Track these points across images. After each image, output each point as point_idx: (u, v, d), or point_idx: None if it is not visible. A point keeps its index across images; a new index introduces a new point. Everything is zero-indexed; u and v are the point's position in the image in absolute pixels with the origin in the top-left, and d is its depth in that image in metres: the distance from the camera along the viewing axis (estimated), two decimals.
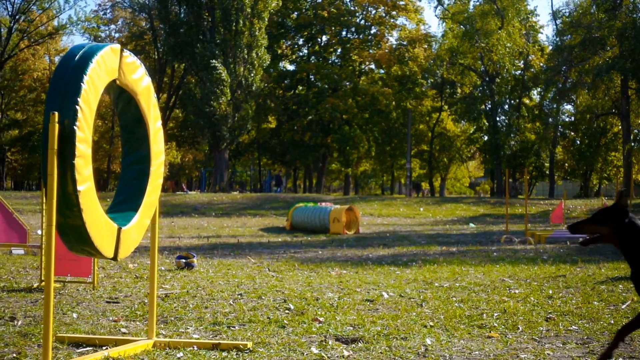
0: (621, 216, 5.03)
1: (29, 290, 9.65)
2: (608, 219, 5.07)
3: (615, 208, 5.06)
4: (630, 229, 5.02)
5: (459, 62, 63.33)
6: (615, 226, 5.04)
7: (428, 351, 6.09)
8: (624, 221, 5.02)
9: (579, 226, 5.17)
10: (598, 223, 5.10)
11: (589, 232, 5.14)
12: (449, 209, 39.81)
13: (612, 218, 5.06)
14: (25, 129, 74.02)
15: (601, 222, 5.09)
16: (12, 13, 65.34)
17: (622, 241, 5.06)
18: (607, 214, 5.08)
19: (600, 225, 5.09)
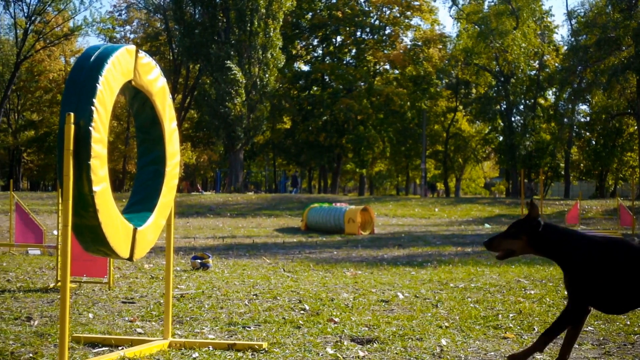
0: (533, 227, 5.17)
1: (45, 291, 9.68)
2: (520, 232, 5.21)
3: (526, 220, 5.19)
4: (547, 235, 5.14)
5: (473, 62, 63.15)
6: (528, 238, 5.18)
7: (443, 352, 6.08)
8: (538, 231, 5.15)
9: (495, 242, 5.30)
10: (511, 237, 5.23)
11: (504, 247, 5.25)
12: (464, 209, 39.74)
13: (524, 231, 5.20)
14: (41, 130, 74.30)
15: (514, 236, 5.24)
16: (28, 14, 65.60)
17: (542, 249, 5.19)
18: (519, 227, 5.22)
19: (514, 239, 5.22)
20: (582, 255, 5.10)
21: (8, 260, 14.03)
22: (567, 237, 5.19)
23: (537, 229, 5.15)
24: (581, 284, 5.11)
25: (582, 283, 5.10)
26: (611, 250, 5.10)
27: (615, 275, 5.04)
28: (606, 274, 5.05)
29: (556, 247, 5.17)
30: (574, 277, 5.14)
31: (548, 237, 5.16)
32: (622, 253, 5.09)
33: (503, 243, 5.27)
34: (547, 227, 5.18)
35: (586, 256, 5.09)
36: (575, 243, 5.15)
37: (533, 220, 5.17)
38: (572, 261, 5.13)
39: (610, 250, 5.10)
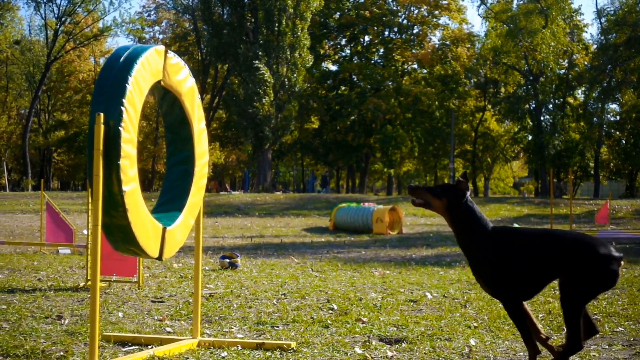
0: (457, 196, 5.38)
1: (75, 290, 9.75)
2: (444, 194, 5.42)
3: (454, 187, 5.41)
4: (464, 208, 5.36)
5: (502, 61, 62.84)
6: (447, 203, 5.39)
7: (472, 352, 6.06)
8: (460, 202, 5.36)
9: (419, 190, 5.53)
10: (434, 194, 5.45)
11: (424, 198, 5.47)
12: (493, 209, 39.55)
13: (448, 195, 5.40)
14: (71, 130, 74.83)
15: (438, 195, 5.44)
16: (58, 15, 66.13)
17: (453, 220, 5.41)
18: (445, 189, 5.45)
19: (435, 197, 5.44)
20: (480, 242, 5.29)
21: (39, 259, 14.14)
22: (478, 220, 5.37)
23: (461, 199, 5.36)
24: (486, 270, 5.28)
25: (486, 270, 5.28)
26: (509, 239, 5.31)
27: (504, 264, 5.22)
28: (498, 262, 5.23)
29: (465, 223, 5.36)
30: (474, 265, 5.36)
31: (464, 210, 5.35)
32: (516, 241, 5.29)
33: (425, 195, 5.49)
34: (468, 202, 5.37)
35: (483, 244, 5.28)
36: (482, 227, 5.33)
37: (460, 190, 5.36)
38: (471, 244, 5.34)
39: (508, 239, 5.32)
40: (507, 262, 5.21)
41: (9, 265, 12.78)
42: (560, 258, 5.14)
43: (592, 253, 5.08)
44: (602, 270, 5.05)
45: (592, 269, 5.06)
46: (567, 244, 5.17)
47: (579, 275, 5.08)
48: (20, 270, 12.12)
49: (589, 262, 5.06)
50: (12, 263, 13.21)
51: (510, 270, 5.20)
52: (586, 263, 5.07)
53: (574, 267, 5.08)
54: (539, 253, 5.20)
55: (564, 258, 5.13)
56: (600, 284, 5.10)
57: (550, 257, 5.16)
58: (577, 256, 5.09)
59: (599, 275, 5.07)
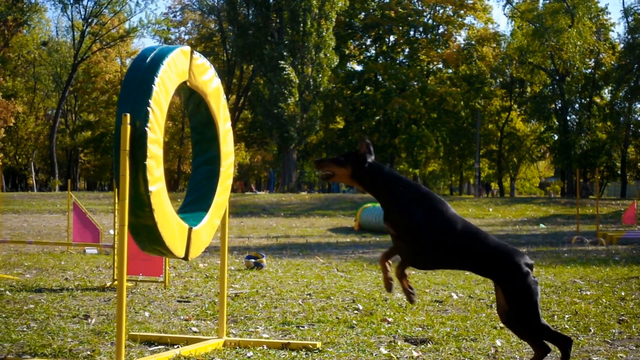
0: (359, 161, 5.39)
1: (102, 289, 9.81)
2: (347, 162, 5.44)
3: (355, 154, 5.43)
4: (370, 172, 5.39)
5: (528, 60, 62.58)
6: (352, 170, 5.41)
7: (498, 353, 6.05)
8: (364, 166, 5.38)
9: (324, 162, 5.56)
10: (337, 164, 5.47)
11: (329, 170, 5.51)
12: (519, 209, 39.41)
13: (351, 162, 5.42)
14: (97, 131, 75.26)
15: (341, 163, 5.45)
16: (85, 17, 66.56)
17: (364, 184, 5.44)
18: (348, 157, 5.47)
19: (339, 166, 5.45)
20: (396, 195, 5.31)
21: (66, 259, 14.23)
22: (388, 177, 5.41)
23: (363, 164, 5.38)
24: (401, 217, 5.29)
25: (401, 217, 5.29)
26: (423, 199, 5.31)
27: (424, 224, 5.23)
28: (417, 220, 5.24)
29: (375, 184, 5.40)
30: (390, 214, 5.36)
31: (371, 173, 5.39)
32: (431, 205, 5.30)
33: (330, 166, 5.51)
34: (373, 165, 5.40)
35: (399, 197, 5.31)
36: (394, 184, 5.37)
37: (361, 155, 5.39)
38: (387, 200, 5.35)
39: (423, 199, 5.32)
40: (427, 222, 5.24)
41: (36, 265, 12.87)
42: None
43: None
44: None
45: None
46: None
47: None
48: (47, 270, 12.21)
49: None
50: (39, 263, 13.30)
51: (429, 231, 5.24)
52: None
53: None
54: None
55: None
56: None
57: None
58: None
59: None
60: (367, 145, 5.45)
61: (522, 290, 5.06)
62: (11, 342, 6.33)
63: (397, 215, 5.26)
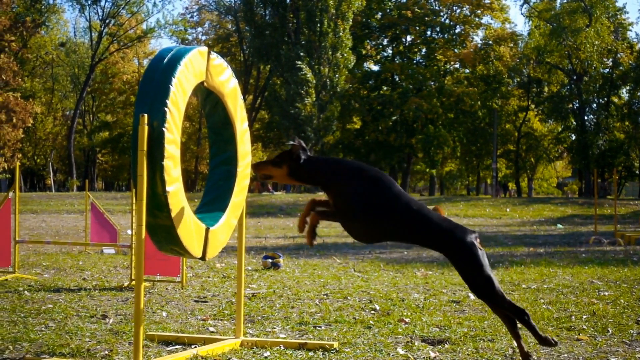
0: (294, 159, 5.53)
1: (119, 289, 9.84)
2: (282, 162, 5.58)
3: (289, 153, 5.57)
4: (307, 167, 5.52)
5: (545, 60, 62.38)
6: (288, 169, 5.55)
7: (515, 353, 6.03)
8: (299, 163, 5.52)
9: (261, 165, 5.71)
10: (274, 164, 5.60)
11: (267, 172, 5.65)
12: (536, 209, 39.31)
13: (286, 161, 5.56)
14: (115, 131, 75.53)
15: (277, 164, 5.59)
16: (103, 17, 66.86)
17: (303, 179, 5.59)
18: (282, 157, 5.61)
19: (275, 167, 5.59)
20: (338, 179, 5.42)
21: (84, 259, 14.29)
22: (326, 165, 5.55)
23: (297, 161, 5.50)
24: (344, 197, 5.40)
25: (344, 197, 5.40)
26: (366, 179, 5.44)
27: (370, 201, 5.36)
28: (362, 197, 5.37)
29: (317, 175, 5.52)
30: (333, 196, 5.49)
31: (309, 168, 5.51)
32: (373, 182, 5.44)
33: (267, 167, 5.63)
34: (308, 160, 5.54)
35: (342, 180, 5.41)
36: (332, 168, 5.49)
37: (295, 153, 5.51)
38: (330, 184, 5.45)
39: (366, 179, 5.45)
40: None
41: (54, 265, 12.93)
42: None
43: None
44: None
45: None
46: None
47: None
48: (65, 269, 12.26)
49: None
50: (57, 263, 13.36)
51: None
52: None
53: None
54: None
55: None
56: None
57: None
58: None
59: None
60: (300, 143, 5.57)
61: (469, 262, 5.29)
62: (30, 342, 6.36)
63: (338, 192, 5.42)
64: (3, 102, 55.31)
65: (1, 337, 6.52)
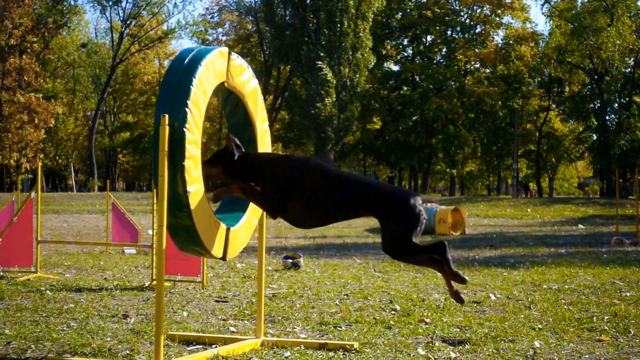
0: (227, 156, 5.63)
1: (140, 289, 9.88)
2: (217, 161, 5.66)
3: (224, 150, 5.67)
4: (241, 164, 5.62)
5: (566, 60, 62.12)
6: (223, 167, 5.63)
7: (537, 354, 6.01)
8: (233, 160, 5.62)
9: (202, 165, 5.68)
10: (209, 164, 5.67)
11: (205, 172, 5.64)
12: (557, 209, 39.13)
13: (220, 160, 5.66)
14: (136, 132, 75.81)
15: (212, 163, 5.67)
16: (124, 18, 67.11)
17: (237, 175, 5.65)
18: (216, 156, 5.69)
19: (211, 167, 5.66)
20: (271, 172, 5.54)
21: (105, 258, 14.35)
22: (257, 161, 5.66)
23: (232, 158, 5.61)
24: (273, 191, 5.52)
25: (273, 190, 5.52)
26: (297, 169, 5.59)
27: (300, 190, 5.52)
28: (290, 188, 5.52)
29: (248, 172, 5.62)
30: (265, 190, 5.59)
31: (242, 165, 5.61)
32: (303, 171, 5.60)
33: (205, 168, 5.64)
34: (242, 156, 5.66)
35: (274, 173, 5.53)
36: (262, 163, 5.60)
37: (227, 150, 5.62)
38: (260, 180, 5.57)
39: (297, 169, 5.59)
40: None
41: (76, 265, 12.99)
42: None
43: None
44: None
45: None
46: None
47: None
48: (87, 269, 12.32)
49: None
50: (79, 262, 13.42)
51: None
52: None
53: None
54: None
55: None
56: None
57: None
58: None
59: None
60: (232, 140, 5.66)
61: (405, 222, 5.33)
62: (52, 341, 6.40)
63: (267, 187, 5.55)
64: (25, 103, 55.69)
65: (24, 337, 6.56)
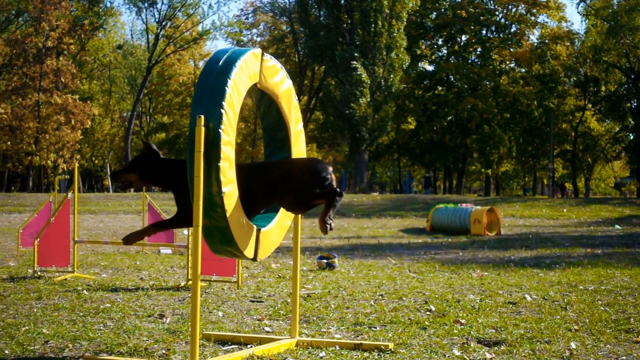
0: (143, 163, 5.81)
1: (176, 289, 9.93)
2: (135, 166, 5.83)
3: (140, 157, 5.84)
4: (156, 168, 5.81)
5: (603, 59, 61.62)
6: (139, 172, 5.81)
7: (573, 355, 5.97)
8: (149, 165, 5.80)
9: (118, 174, 5.94)
10: (127, 171, 5.86)
11: (123, 179, 5.89)
12: (594, 210, 38.80)
13: (137, 166, 5.83)
14: (171, 132, 76.19)
15: (130, 170, 5.85)
16: (159, 20, 67.48)
17: (155, 181, 5.91)
18: (133, 161, 5.86)
19: (129, 173, 5.85)
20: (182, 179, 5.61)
21: (141, 259, 14.44)
22: (173, 166, 5.85)
23: (147, 164, 5.79)
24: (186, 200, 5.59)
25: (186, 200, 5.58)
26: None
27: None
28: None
29: (164, 176, 5.83)
30: (179, 196, 5.75)
31: (157, 171, 5.82)
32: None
33: (122, 175, 5.88)
34: (157, 163, 5.82)
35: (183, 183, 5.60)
36: (180, 171, 5.68)
37: (144, 156, 5.80)
38: (175, 185, 5.74)
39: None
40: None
41: (112, 265, 13.09)
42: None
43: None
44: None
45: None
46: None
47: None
48: (123, 269, 12.41)
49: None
50: (115, 263, 13.52)
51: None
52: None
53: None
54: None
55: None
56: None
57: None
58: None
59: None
60: (148, 146, 5.81)
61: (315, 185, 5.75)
62: (88, 341, 6.45)
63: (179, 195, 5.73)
64: (62, 105, 56.19)
65: (61, 336, 6.62)
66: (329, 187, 5.78)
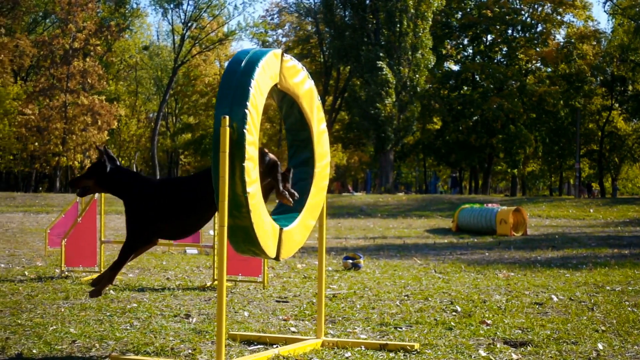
0: (100, 169, 6.00)
1: (202, 289, 9.96)
2: (93, 173, 6.02)
3: (97, 163, 6.01)
4: (112, 176, 6.00)
5: (629, 58, 61.21)
6: (97, 178, 6.02)
7: (600, 356, 5.94)
8: (105, 172, 5.98)
9: (76, 180, 6.11)
10: (85, 177, 6.05)
11: (81, 185, 6.08)
12: (621, 210, 38.54)
13: (95, 172, 6.02)
14: (197, 133, 76.41)
15: (87, 176, 6.05)
16: (185, 21, 67.70)
17: (109, 188, 6.06)
18: (91, 168, 6.04)
19: (86, 179, 6.06)
20: (137, 191, 5.93)
21: (167, 259, 14.50)
22: (129, 177, 6.04)
23: (104, 170, 5.98)
24: (136, 215, 5.92)
25: (137, 215, 5.92)
26: (162, 187, 6.02)
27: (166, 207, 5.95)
28: (157, 207, 5.94)
29: (118, 185, 6.00)
30: (129, 210, 5.95)
31: (112, 178, 6.00)
32: (171, 189, 6.03)
33: (80, 181, 6.08)
34: (114, 170, 6.01)
35: (140, 192, 5.93)
36: (134, 182, 5.99)
37: (100, 162, 5.98)
38: (128, 196, 5.95)
39: (162, 187, 6.02)
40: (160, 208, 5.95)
41: (139, 265, 13.14)
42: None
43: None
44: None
45: None
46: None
47: None
48: (149, 269, 12.46)
49: None
50: (142, 263, 13.58)
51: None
52: None
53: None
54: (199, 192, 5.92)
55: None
56: None
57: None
58: None
59: None
60: (104, 153, 5.97)
61: None
62: (115, 340, 6.49)
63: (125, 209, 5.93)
64: (89, 105, 56.53)
65: (88, 335, 6.66)
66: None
